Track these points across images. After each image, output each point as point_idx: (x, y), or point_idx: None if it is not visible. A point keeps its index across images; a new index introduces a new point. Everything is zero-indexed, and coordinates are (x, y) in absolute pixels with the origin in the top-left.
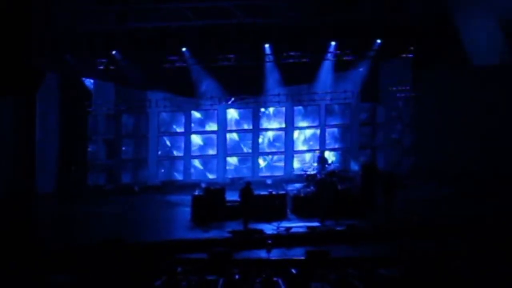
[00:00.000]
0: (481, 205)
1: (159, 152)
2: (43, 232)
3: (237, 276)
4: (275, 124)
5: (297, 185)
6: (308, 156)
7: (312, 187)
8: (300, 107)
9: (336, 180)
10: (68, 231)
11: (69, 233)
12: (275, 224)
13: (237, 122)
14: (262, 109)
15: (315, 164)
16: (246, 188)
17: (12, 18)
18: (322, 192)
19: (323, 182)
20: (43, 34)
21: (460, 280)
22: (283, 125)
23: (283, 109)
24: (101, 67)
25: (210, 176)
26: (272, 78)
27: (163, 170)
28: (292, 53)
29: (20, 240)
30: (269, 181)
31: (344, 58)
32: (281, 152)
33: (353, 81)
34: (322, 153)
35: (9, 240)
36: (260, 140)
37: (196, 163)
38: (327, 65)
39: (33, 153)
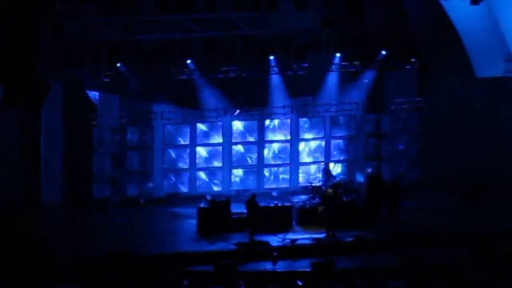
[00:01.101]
0: (487, 216)
1: (164, 165)
2: (48, 243)
3: None
4: (280, 136)
5: (303, 197)
6: (313, 168)
7: (317, 199)
8: (305, 119)
9: (342, 192)
10: (74, 242)
11: (75, 245)
12: (281, 236)
13: (242, 134)
14: (267, 121)
15: (321, 176)
16: (251, 200)
17: (19, 30)
18: (327, 204)
19: (328, 193)
20: (49, 46)
21: None
22: (288, 137)
23: (288, 121)
24: (106, 79)
25: (216, 188)
26: (277, 90)
27: (168, 182)
28: (297, 65)
29: (26, 251)
30: (274, 193)
31: (349, 70)
32: (286, 164)
33: (359, 93)
34: (327, 164)
35: (15, 251)
36: (266, 152)
37: (202, 175)
38: (332, 77)
39: (39, 164)
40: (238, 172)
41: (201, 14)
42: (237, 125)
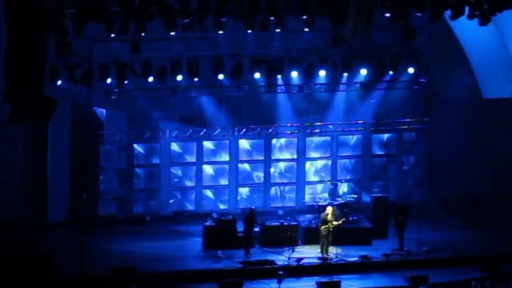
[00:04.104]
0: (494, 236)
1: (171, 182)
2: (54, 260)
3: None
4: (286, 155)
5: (309, 216)
6: (319, 187)
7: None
8: (312, 138)
9: (348, 212)
10: (79, 260)
11: (81, 262)
12: (286, 254)
13: (249, 153)
14: (274, 140)
15: (327, 195)
16: (248, 216)
17: (26, 47)
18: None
19: (325, 215)
20: (56, 63)
21: None
22: (295, 156)
23: (295, 139)
24: (114, 97)
25: (222, 206)
26: (284, 108)
27: (174, 200)
28: (304, 84)
29: (31, 268)
30: (280, 212)
31: (356, 89)
32: (292, 183)
33: (365, 112)
34: (333, 184)
35: (20, 268)
36: (272, 170)
37: (208, 193)
38: (339, 96)
39: (45, 181)
40: (244, 191)
41: (208, 33)
42: (244, 143)
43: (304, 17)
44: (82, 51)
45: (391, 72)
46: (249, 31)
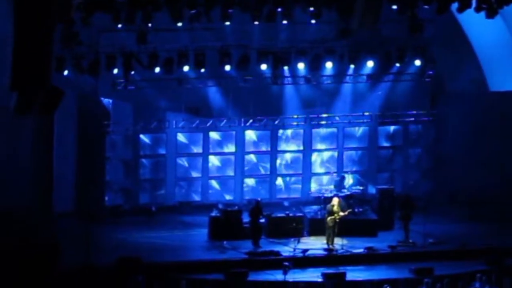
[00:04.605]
0: (499, 229)
1: (177, 173)
2: (60, 251)
3: None
4: (293, 146)
5: (314, 207)
6: (325, 178)
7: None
8: (318, 130)
9: (353, 203)
10: (85, 250)
11: (86, 252)
12: (292, 245)
13: (255, 144)
14: (280, 131)
15: (333, 187)
16: (255, 207)
17: (33, 37)
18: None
19: (331, 206)
20: (63, 53)
21: None
22: (301, 147)
23: (301, 131)
24: (120, 87)
25: (228, 197)
26: (290, 100)
27: (180, 191)
28: (310, 76)
29: (37, 258)
30: (286, 203)
31: (363, 81)
32: (298, 174)
33: (372, 104)
34: (339, 176)
35: (26, 258)
36: (278, 162)
37: (214, 184)
38: (345, 88)
39: (51, 171)
40: (250, 182)
41: (215, 24)
42: (250, 134)
43: (311, 8)
44: (89, 41)
45: (398, 65)
46: (256, 22)
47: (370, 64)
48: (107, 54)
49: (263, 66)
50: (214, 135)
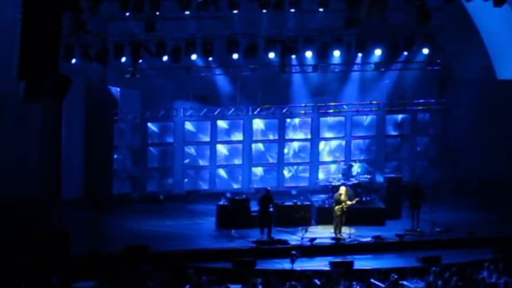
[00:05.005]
0: (507, 218)
1: (185, 161)
2: (68, 238)
3: (260, 286)
4: (300, 135)
5: (322, 196)
6: (333, 167)
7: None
8: (326, 118)
9: (361, 192)
10: (93, 238)
11: (94, 240)
12: (300, 234)
13: (263, 132)
14: (288, 120)
15: (340, 175)
16: (265, 196)
17: (41, 25)
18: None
19: (339, 195)
20: (71, 41)
21: None
22: (309, 136)
23: (309, 119)
24: (128, 75)
25: (235, 186)
26: (298, 89)
27: (188, 179)
28: (318, 64)
29: (45, 246)
30: (294, 192)
31: (371, 70)
32: (306, 163)
33: (379, 93)
34: (347, 164)
35: (34, 245)
36: (286, 150)
37: (221, 172)
38: (353, 77)
39: (59, 159)
40: (258, 170)
41: (223, 12)
42: (258, 123)
43: None
44: (97, 29)
45: (405, 53)
46: (264, 10)
47: (378, 52)
48: (115, 43)
49: (271, 55)
50: (221, 124)
